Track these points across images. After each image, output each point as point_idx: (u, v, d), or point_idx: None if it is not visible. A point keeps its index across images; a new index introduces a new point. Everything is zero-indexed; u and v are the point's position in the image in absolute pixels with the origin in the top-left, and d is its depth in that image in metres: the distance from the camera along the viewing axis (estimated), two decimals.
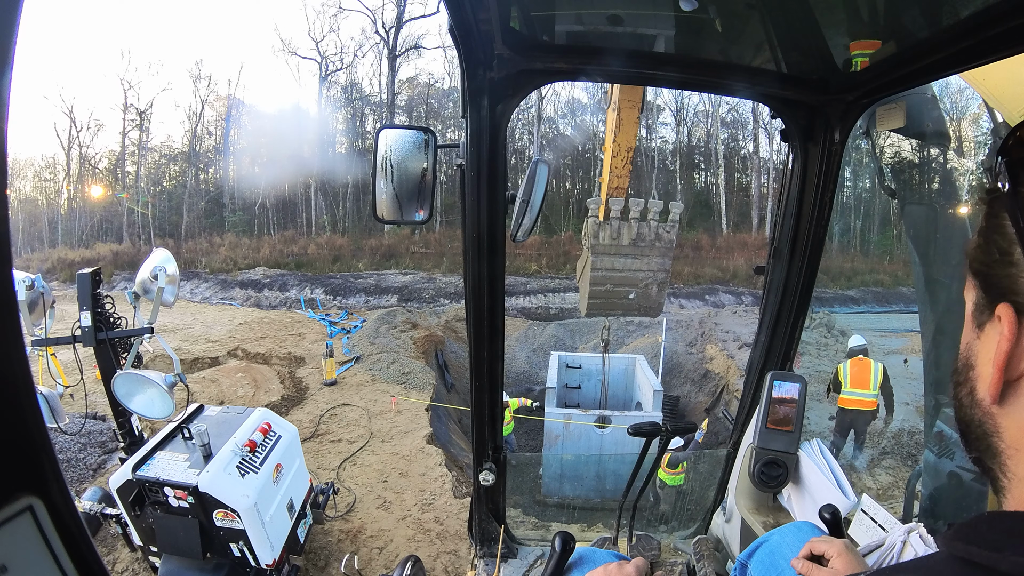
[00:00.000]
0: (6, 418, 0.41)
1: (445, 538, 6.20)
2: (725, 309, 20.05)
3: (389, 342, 13.86)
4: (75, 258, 26.01)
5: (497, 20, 1.28)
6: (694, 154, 31.08)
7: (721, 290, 22.60)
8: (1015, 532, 0.41)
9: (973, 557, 0.41)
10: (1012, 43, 0.98)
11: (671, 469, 7.01)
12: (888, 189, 3.93)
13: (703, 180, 31.31)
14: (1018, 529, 0.41)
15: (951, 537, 0.45)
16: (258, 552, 3.82)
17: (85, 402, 5.04)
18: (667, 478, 7.06)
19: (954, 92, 21.69)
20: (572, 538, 1.15)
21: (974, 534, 0.43)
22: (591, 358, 11.65)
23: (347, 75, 30.15)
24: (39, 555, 0.44)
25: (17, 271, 3.77)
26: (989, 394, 0.46)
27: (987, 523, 0.43)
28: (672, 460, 7.01)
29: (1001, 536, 0.41)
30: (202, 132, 30.65)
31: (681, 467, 6.98)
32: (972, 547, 0.42)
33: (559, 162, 29.55)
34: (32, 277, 3.90)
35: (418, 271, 24.06)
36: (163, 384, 3.69)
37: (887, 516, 1.60)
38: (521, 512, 7.08)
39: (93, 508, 4.49)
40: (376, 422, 9.49)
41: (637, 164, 27.18)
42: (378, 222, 4.35)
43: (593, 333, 15.41)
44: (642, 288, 8.20)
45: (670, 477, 7.04)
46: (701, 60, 1.58)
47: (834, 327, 15.52)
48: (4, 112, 0.40)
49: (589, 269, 8.16)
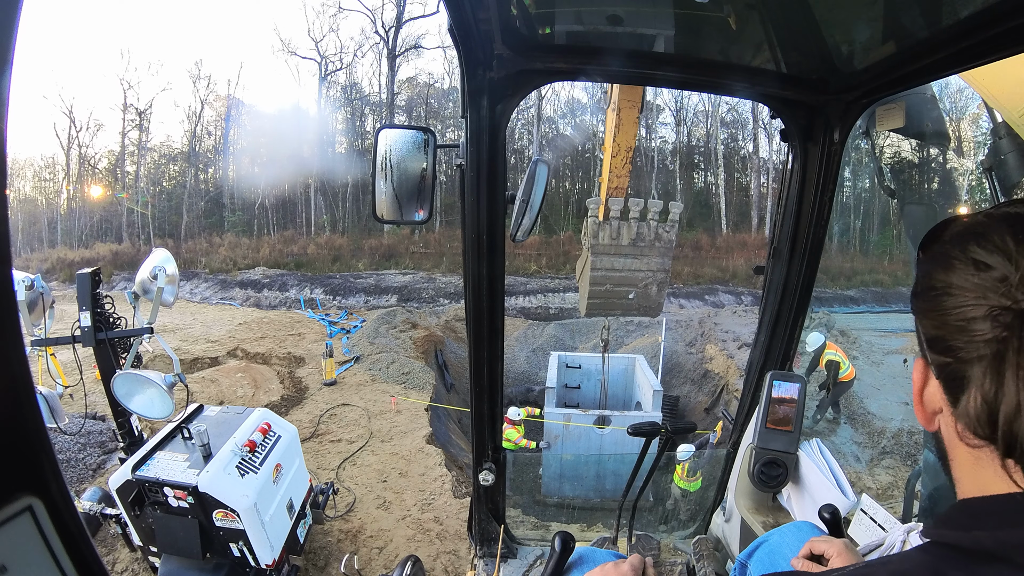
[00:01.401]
0: (6, 418, 0.41)
1: (445, 538, 6.19)
2: (725, 309, 20.05)
3: (389, 342, 13.86)
4: (75, 258, 26.00)
5: (497, 20, 1.28)
6: (694, 154, 31.07)
7: (721, 290, 22.61)
8: (976, 514, 0.51)
9: (946, 539, 0.51)
10: (1012, 43, 0.98)
11: (692, 477, 7.11)
12: (888, 189, 3.93)
13: (703, 180, 31.32)
14: (976, 512, 0.51)
15: (933, 525, 0.54)
16: (258, 552, 3.82)
17: (85, 402, 5.04)
18: (687, 486, 7.15)
19: (954, 92, 21.73)
20: (572, 538, 1.15)
21: (947, 520, 0.54)
22: (591, 358, 11.65)
23: (347, 75, 30.18)
24: (39, 555, 0.44)
25: (17, 271, 3.77)
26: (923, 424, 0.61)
27: (957, 510, 0.54)
28: (691, 469, 7.11)
29: (967, 518, 0.51)
30: (202, 132, 30.66)
31: (699, 474, 7.09)
32: (944, 531, 0.52)
33: (559, 162, 29.55)
34: (32, 277, 3.89)
35: (418, 271, 24.05)
36: (163, 384, 3.69)
37: (887, 516, 1.60)
38: (521, 512, 7.09)
39: (93, 508, 4.49)
40: (376, 422, 9.49)
41: (637, 164, 27.18)
42: (378, 222, 4.35)
43: (593, 333, 15.41)
44: (642, 288, 8.21)
45: (691, 484, 7.13)
46: (701, 60, 1.58)
47: (834, 327, 15.52)
48: (4, 112, 0.40)
49: (589, 269, 8.16)
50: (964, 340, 0.52)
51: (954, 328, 0.53)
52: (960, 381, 0.53)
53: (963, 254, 0.54)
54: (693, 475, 7.13)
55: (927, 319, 0.58)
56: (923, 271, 0.60)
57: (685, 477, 7.16)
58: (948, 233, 0.59)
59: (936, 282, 0.57)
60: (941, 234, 0.60)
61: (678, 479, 7.31)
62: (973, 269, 0.53)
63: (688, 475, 7.14)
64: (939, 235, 0.61)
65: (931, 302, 0.57)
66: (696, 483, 7.09)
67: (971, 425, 0.52)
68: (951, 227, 0.59)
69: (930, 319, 0.57)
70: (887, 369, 13.15)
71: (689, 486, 7.16)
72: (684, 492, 7.21)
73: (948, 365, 0.54)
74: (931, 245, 0.61)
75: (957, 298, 0.53)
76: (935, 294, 0.56)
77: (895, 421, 9.88)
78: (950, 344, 0.54)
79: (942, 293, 0.55)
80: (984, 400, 0.50)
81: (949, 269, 0.55)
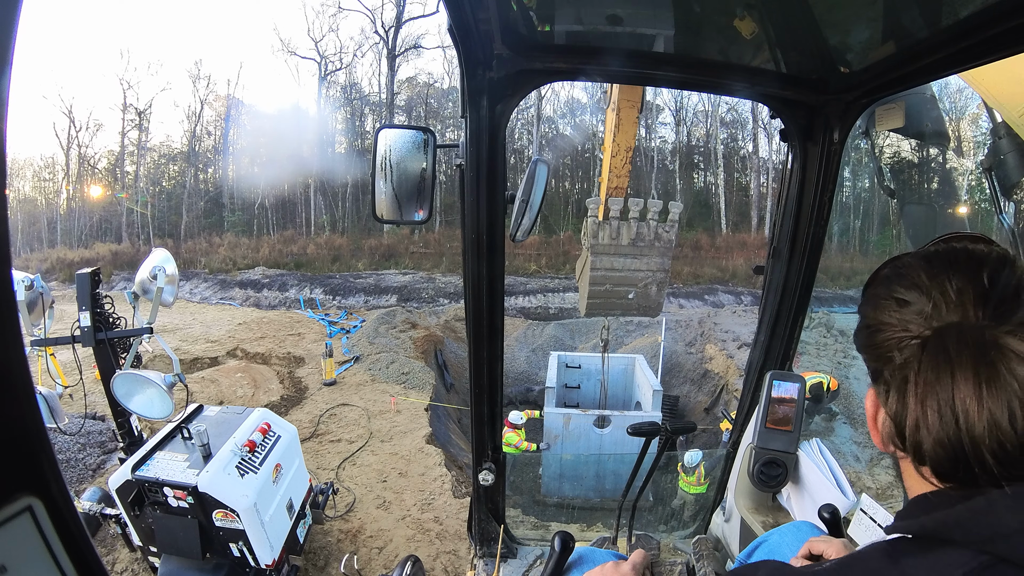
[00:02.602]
0: (5, 418, 0.41)
1: (444, 538, 6.20)
2: (724, 309, 20.05)
3: (388, 342, 13.85)
4: (74, 258, 25.98)
5: (496, 20, 1.28)
6: (693, 154, 31.08)
7: (720, 290, 22.60)
8: (919, 504, 0.60)
9: (900, 530, 0.59)
10: (1012, 43, 0.98)
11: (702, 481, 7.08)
12: (887, 189, 3.94)
13: (702, 180, 31.33)
14: (922, 503, 0.60)
15: (892, 522, 0.63)
16: (257, 552, 3.82)
17: (84, 402, 5.04)
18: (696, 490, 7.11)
19: (953, 92, 21.74)
20: (572, 538, 1.15)
21: (903, 513, 0.63)
22: (590, 358, 11.66)
23: (346, 75, 30.18)
24: (38, 555, 0.44)
25: (16, 271, 3.77)
26: (878, 445, 0.67)
27: (912, 503, 0.62)
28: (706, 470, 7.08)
29: (915, 509, 0.60)
30: (201, 132, 30.66)
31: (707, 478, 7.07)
32: (900, 523, 0.60)
33: (558, 162, 29.55)
34: (31, 277, 3.89)
35: (417, 271, 24.05)
36: (162, 384, 3.69)
37: (886, 516, 1.60)
38: (521, 512, 7.09)
39: (92, 508, 4.48)
40: (375, 422, 9.49)
41: (636, 164, 27.19)
42: (377, 222, 4.35)
43: (592, 333, 15.41)
44: (641, 288, 8.21)
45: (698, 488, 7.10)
46: (700, 60, 1.58)
47: (833, 327, 15.51)
48: (3, 112, 0.40)
49: (588, 269, 8.16)
50: (888, 369, 0.60)
51: (883, 359, 0.61)
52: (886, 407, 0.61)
53: (888, 293, 0.62)
54: (704, 479, 7.08)
55: (865, 354, 0.66)
56: (861, 312, 0.68)
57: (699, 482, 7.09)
58: (880, 276, 0.67)
59: (869, 320, 0.65)
60: (876, 278, 0.68)
61: (686, 486, 7.24)
62: (896, 306, 0.61)
63: (700, 480, 7.09)
64: (875, 279, 0.68)
65: (866, 339, 0.65)
66: (704, 486, 7.05)
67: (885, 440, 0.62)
68: (883, 270, 0.67)
69: (867, 353, 0.65)
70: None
71: (700, 488, 7.09)
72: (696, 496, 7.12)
73: (882, 391, 0.62)
74: (868, 288, 0.69)
75: (884, 333, 0.61)
76: (869, 331, 0.64)
77: None
78: (881, 373, 0.62)
79: (874, 330, 0.63)
80: (891, 417, 0.59)
81: (878, 308, 0.63)
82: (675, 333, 16.07)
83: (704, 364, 14.22)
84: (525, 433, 8.52)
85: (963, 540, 0.52)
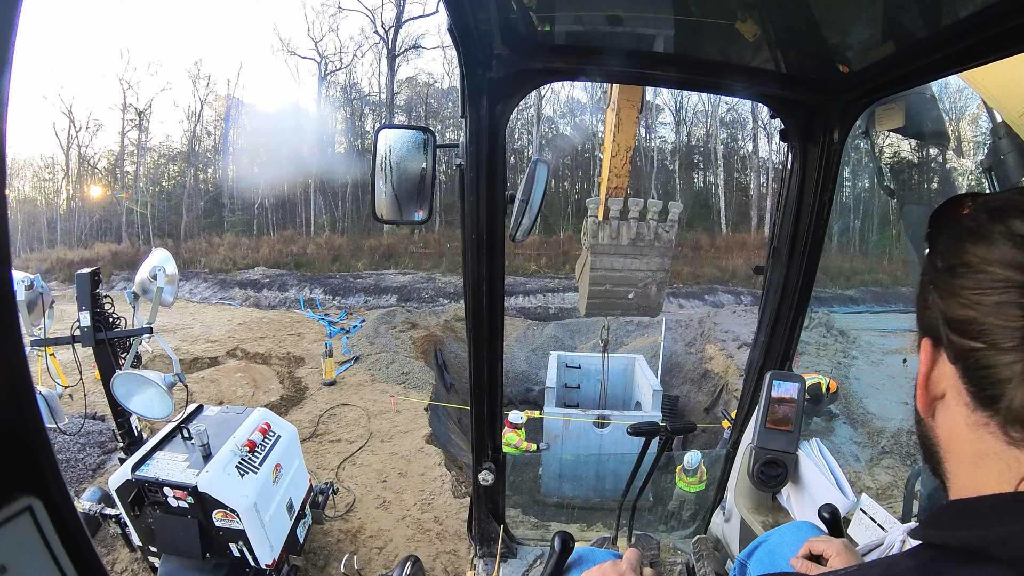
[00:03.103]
0: (5, 418, 0.41)
1: (444, 538, 6.20)
2: (724, 309, 20.07)
3: (388, 342, 13.86)
4: (74, 258, 25.99)
5: (496, 20, 1.28)
6: (693, 154, 31.08)
7: (720, 290, 22.61)
8: (961, 515, 0.50)
9: (933, 540, 0.50)
10: (1011, 43, 0.98)
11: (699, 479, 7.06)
12: (887, 189, 3.93)
13: (702, 180, 31.33)
14: (963, 512, 0.51)
15: (920, 527, 0.54)
16: (257, 552, 3.82)
17: (84, 402, 5.03)
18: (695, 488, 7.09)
19: (953, 92, 21.75)
20: (571, 538, 1.15)
21: (934, 521, 0.53)
22: (590, 358, 11.66)
23: (346, 75, 30.18)
24: (38, 555, 0.44)
25: (16, 271, 3.77)
26: (921, 410, 0.58)
27: (944, 511, 0.53)
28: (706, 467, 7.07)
29: (952, 519, 0.50)
30: (201, 132, 30.66)
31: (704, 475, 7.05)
32: (931, 531, 0.51)
33: (558, 162, 29.55)
34: (31, 277, 3.89)
35: (417, 271, 24.05)
36: (162, 384, 3.69)
37: (886, 515, 1.60)
38: (521, 512, 7.08)
39: (92, 508, 4.48)
40: (375, 422, 9.49)
41: (636, 164, 27.19)
42: (377, 222, 4.35)
43: (592, 333, 15.41)
44: (641, 288, 8.21)
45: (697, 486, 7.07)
46: (700, 60, 1.58)
47: (833, 327, 15.53)
48: (3, 112, 0.40)
49: (588, 269, 8.16)
50: (1001, 324, 0.47)
51: (990, 310, 0.48)
52: (991, 370, 0.48)
53: (1006, 227, 0.49)
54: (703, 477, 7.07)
55: (954, 298, 0.52)
56: (950, 244, 0.54)
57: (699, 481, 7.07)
58: (978, 206, 0.53)
59: (970, 257, 0.51)
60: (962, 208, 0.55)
61: (686, 486, 7.23)
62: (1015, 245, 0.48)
63: (699, 479, 7.07)
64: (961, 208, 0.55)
65: (963, 279, 0.51)
66: (701, 484, 7.04)
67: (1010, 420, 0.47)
68: (977, 200, 0.54)
69: (959, 298, 0.51)
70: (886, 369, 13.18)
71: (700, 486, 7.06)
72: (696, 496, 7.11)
73: (976, 351, 0.49)
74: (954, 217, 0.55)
75: (995, 276, 0.48)
76: (967, 270, 0.51)
77: (895, 421, 9.90)
78: (983, 327, 0.48)
79: (977, 270, 0.50)
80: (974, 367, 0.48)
81: (988, 243, 0.50)
82: (675, 333, 16.08)
83: (704, 364, 14.23)
84: (525, 433, 8.52)
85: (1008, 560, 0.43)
